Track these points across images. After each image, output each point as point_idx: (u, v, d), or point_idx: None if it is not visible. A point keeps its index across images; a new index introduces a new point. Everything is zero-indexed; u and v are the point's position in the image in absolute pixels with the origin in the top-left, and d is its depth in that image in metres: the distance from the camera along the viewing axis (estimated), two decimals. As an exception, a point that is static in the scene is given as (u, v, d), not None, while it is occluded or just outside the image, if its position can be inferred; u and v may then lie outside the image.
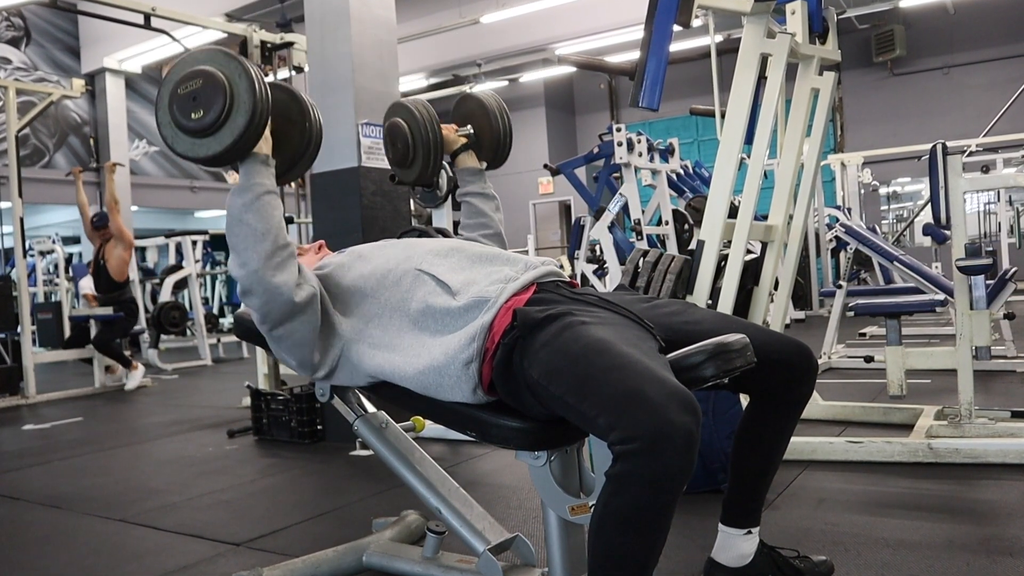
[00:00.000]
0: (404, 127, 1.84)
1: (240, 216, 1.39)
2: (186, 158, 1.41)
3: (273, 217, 1.40)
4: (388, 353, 1.42)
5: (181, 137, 1.40)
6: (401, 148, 1.85)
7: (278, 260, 1.39)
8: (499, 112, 1.92)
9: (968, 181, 2.77)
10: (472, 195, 1.91)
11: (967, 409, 2.73)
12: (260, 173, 1.42)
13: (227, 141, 1.37)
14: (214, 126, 1.36)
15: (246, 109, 1.36)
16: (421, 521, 2.05)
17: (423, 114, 1.83)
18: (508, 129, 1.93)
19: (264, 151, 1.44)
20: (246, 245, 1.38)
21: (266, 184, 1.42)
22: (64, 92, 6.39)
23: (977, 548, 1.82)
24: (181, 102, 1.38)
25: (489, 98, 1.93)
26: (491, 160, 1.94)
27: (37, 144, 11.22)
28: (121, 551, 2.22)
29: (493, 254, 1.51)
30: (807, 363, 1.46)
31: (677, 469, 1.05)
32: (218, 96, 1.35)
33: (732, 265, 2.59)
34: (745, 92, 2.56)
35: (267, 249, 1.38)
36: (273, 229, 1.39)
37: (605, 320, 1.30)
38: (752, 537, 1.57)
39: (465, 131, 1.92)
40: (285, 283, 1.39)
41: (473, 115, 1.94)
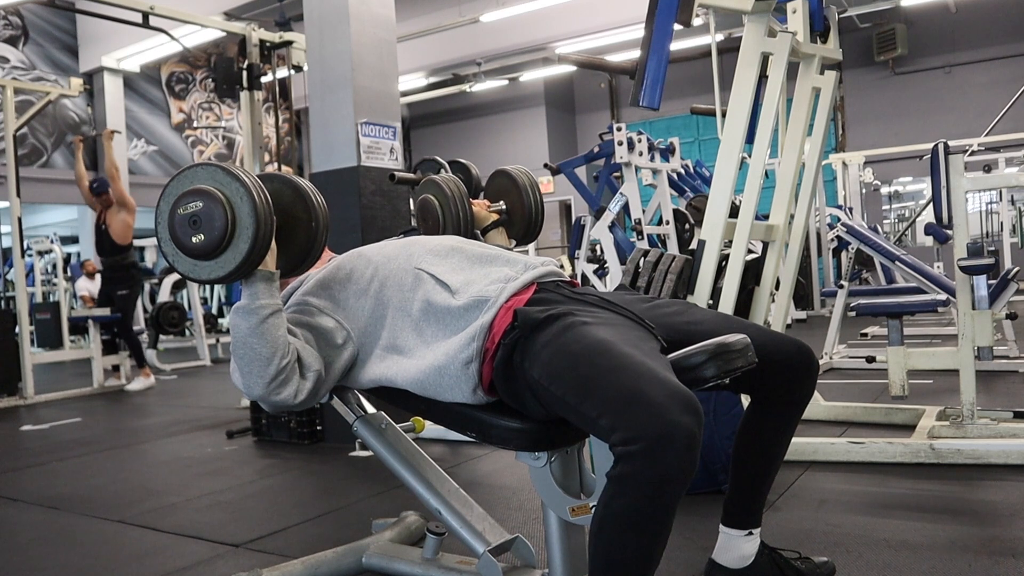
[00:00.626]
0: (435, 204, 1.85)
1: (245, 340, 1.37)
2: (187, 278, 1.39)
3: (278, 339, 1.37)
4: (393, 356, 1.42)
5: (182, 258, 1.36)
6: (432, 225, 1.86)
7: (281, 379, 1.38)
8: (531, 188, 1.93)
9: (970, 180, 2.77)
10: None
11: (969, 410, 2.73)
12: (264, 293, 1.38)
13: (230, 267, 1.34)
14: (216, 251, 1.33)
15: (249, 235, 1.32)
16: (421, 522, 2.05)
17: (454, 191, 1.85)
18: (540, 206, 1.94)
19: (268, 267, 1.40)
20: (251, 369, 1.37)
21: (270, 305, 1.38)
22: (62, 91, 6.39)
23: (979, 549, 1.82)
24: (181, 223, 1.33)
25: (521, 175, 1.95)
26: (521, 237, 1.96)
27: (35, 143, 11.22)
28: (120, 552, 2.22)
29: (493, 254, 1.51)
30: (808, 363, 1.46)
31: (679, 470, 1.05)
32: (219, 220, 1.31)
33: (733, 265, 2.59)
34: (746, 91, 2.56)
35: (271, 374, 1.37)
36: (279, 352, 1.37)
37: (606, 320, 1.30)
38: (753, 538, 1.57)
39: (497, 207, 1.94)
40: (288, 396, 1.40)
41: (505, 191, 1.96)
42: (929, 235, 7.08)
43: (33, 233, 12.56)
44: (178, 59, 12.66)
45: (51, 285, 10.07)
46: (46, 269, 10.49)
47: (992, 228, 10.49)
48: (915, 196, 12.65)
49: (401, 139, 3.70)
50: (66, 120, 11.65)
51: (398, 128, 3.68)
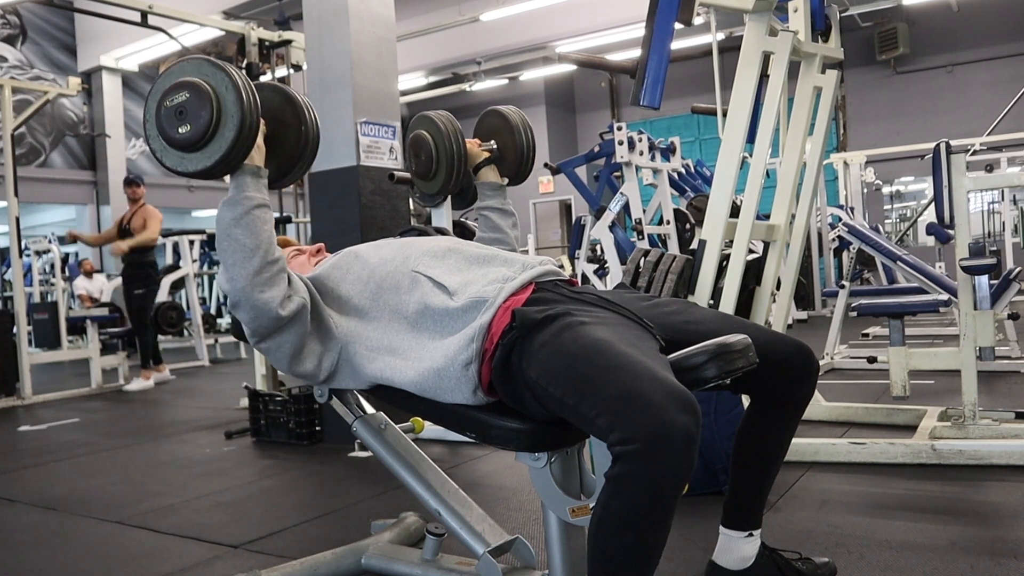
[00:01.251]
0: (428, 139, 1.85)
1: (229, 231, 1.37)
2: (175, 172, 1.40)
3: (263, 232, 1.38)
4: (387, 356, 1.42)
5: (169, 151, 1.39)
6: (424, 160, 1.86)
7: (266, 276, 1.38)
8: (523, 128, 1.93)
9: (972, 180, 2.77)
10: (491, 210, 1.92)
11: (971, 410, 2.73)
12: (250, 186, 1.40)
13: (216, 156, 1.35)
14: (202, 141, 1.35)
15: (234, 123, 1.34)
16: (420, 523, 2.05)
17: (447, 127, 1.85)
18: (531, 145, 1.94)
19: (255, 162, 1.42)
20: (234, 261, 1.37)
21: (256, 197, 1.39)
22: (60, 90, 6.39)
23: (981, 550, 1.82)
24: (167, 115, 1.36)
25: (513, 114, 1.94)
26: (513, 175, 1.96)
27: (33, 143, 11.22)
28: (117, 553, 2.22)
29: (490, 255, 1.51)
30: (807, 364, 1.46)
31: (676, 470, 1.05)
32: (205, 109, 1.33)
33: (734, 265, 2.59)
34: (747, 90, 2.56)
35: (256, 266, 1.36)
36: (263, 244, 1.37)
37: (605, 320, 1.30)
38: (754, 539, 1.57)
39: (488, 146, 1.94)
40: (272, 299, 1.38)
41: (497, 130, 1.95)
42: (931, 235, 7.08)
43: (31, 233, 12.55)
44: (177, 58, 12.65)
45: (49, 285, 10.06)
46: (44, 269, 10.48)
47: (994, 228, 10.49)
48: (917, 196, 12.65)
49: (400, 139, 3.70)
50: (64, 119, 11.66)
51: (398, 127, 3.68)
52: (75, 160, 11.77)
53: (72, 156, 11.74)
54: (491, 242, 1.90)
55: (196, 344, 8.11)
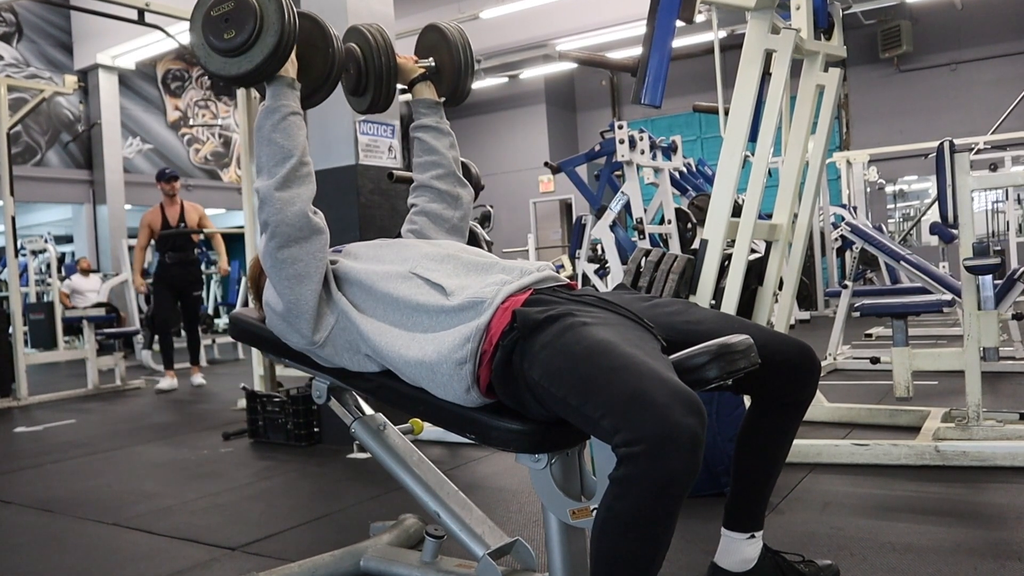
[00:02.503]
0: (357, 52, 1.80)
1: (269, 136, 1.49)
2: (218, 77, 1.51)
3: (298, 136, 1.51)
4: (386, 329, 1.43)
5: (214, 57, 1.50)
6: (353, 75, 1.81)
7: (302, 173, 1.51)
8: (462, 45, 1.86)
9: (976, 179, 2.77)
10: (425, 129, 1.86)
11: (975, 411, 2.73)
12: (286, 95, 1.52)
13: (257, 59, 1.47)
14: (245, 45, 1.46)
15: (275, 30, 1.46)
16: (420, 525, 2.05)
17: (378, 40, 1.81)
18: (470, 62, 1.88)
19: (291, 74, 1.54)
20: (273, 162, 1.49)
21: (292, 105, 1.52)
22: (56, 89, 6.39)
23: (985, 552, 1.82)
24: (214, 23, 1.48)
25: (452, 29, 1.88)
26: (450, 95, 1.89)
27: (29, 142, 11.22)
28: (114, 556, 2.22)
29: (489, 263, 1.51)
30: (809, 364, 1.47)
31: (682, 472, 1.05)
32: (249, 17, 1.45)
33: (736, 265, 2.59)
34: (749, 89, 2.56)
35: (292, 164, 1.49)
36: (299, 148, 1.50)
37: (606, 320, 1.30)
38: (755, 541, 1.57)
39: (426, 62, 1.89)
40: (304, 195, 1.50)
41: (435, 47, 1.90)
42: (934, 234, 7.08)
43: (27, 232, 12.54)
44: (174, 56, 12.66)
45: (45, 285, 10.06)
46: (40, 269, 10.48)
47: (998, 227, 10.48)
48: (920, 195, 12.64)
49: (399, 137, 3.69)
50: (60, 118, 11.65)
51: (396, 126, 3.67)
52: (71, 159, 11.76)
53: (68, 155, 11.73)
54: (426, 167, 1.85)
55: (193, 344, 8.09)
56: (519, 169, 13.98)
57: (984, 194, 10.52)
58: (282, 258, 1.48)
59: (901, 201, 12.82)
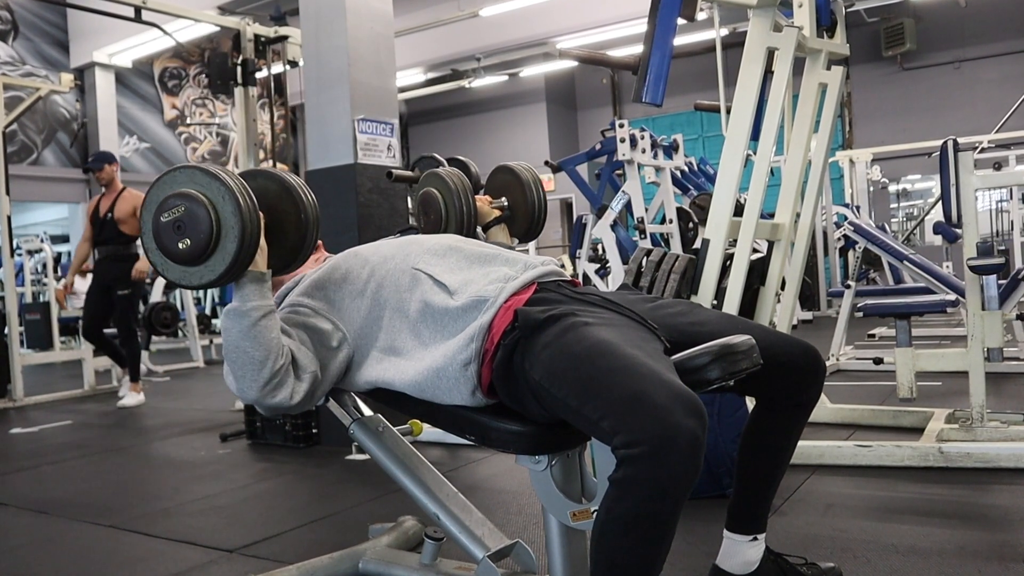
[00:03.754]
0: (438, 197, 1.85)
1: (237, 343, 1.36)
2: (179, 285, 1.39)
3: (271, 342, 1.37)
4: (390, 358, 1.42)
5: (171, 265, 1.37)
6: (433, 219, 1.86)
7: (275, 382, 1.37)
8: (534, 185, 1.93)
9: (980, 178, 2.77)
10: None
11: (979, 412, 2.73)
12: (254, 295, 1.38)
13: (219, 269, 1.34)
14: (204, 255, 1.33)
15: (235, 234, 1.31)
16: (419, 527, 2.05)
17: (458, 185, 1.85)
18: (543, 203, 1.95)
19: (259, 267, 1.40)
20: (244, 373, 1.37)
21: (261, 307, 1.37)
22: (52, 87, 6.39)
23: (989, 555, 1.82)
24: (165, 230, 1.34)
25: (524, 171, 1.95)
26: (523, 234, 1.96)
27: (25, 140, 11.21)
28: (111, 558, 2.22)
29: (492, 254, 1.51)
30: (814, 365, 1.46)
31: (682, 474, 1.06)
32: (203, 223, 1.31)
33: (738, 264, 2.59)
34: (751, 87, 2.56)
35: (266, 377, 1.36)
36: (272, 354, 1.36)
37: (608, 321, 1.30)
38: (758, 543, 1.57)
39: (499, 203, 1.94)
40: (284, 399, 1.39)
41: (508, 187, 1.96)
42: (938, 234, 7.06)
43: (23, 232, 12.55)
44: (171, 54, 12.65)
45: (41, 285, 10.06)
46: (36, 269, 10.47)
47: (1002, 227, 10.47)
48: (924, 194, 12.65)
49: (399, 136, 3.70)
50: (57, 116, 11.64)
51: (396, 125, 3.68)
52: (68, 158, 11.76)
53: (65, 154, 11.73)
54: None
55: (191, 345, 8.11)
56: (519, 168, 13.97)
57: (988, 193, 10.51)
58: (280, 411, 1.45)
59: (904, 200, 12.83)
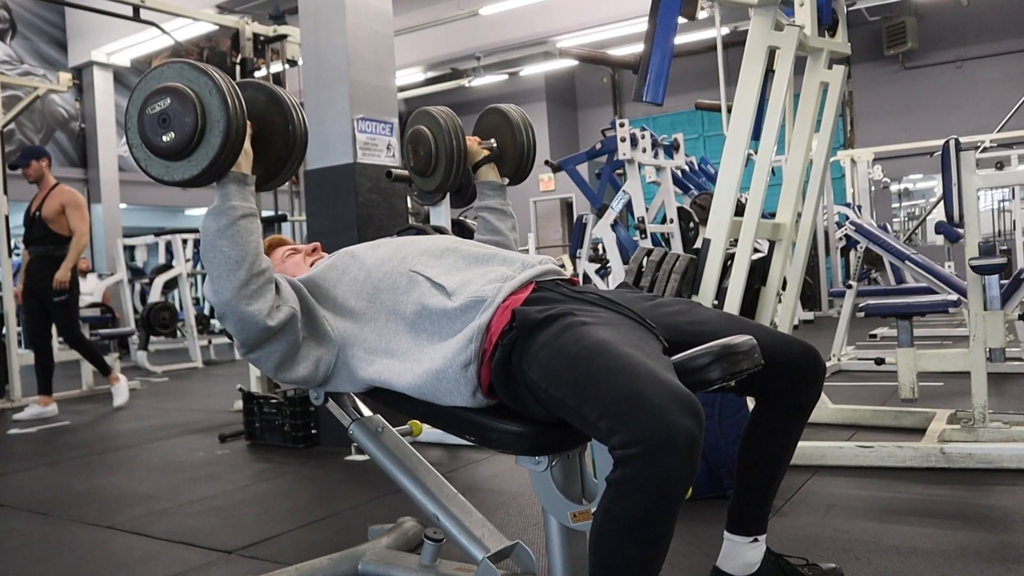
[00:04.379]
0: (428, 135, 1.86)
1: (214, 242, 1.36)
2: (160, 182, 1.38)
3: (249, 243, 1.37)
4: (385, 359, 1.42)
5: (153, 160, 1.37)
6: (424, 156, 1.87)
7: (253, 288, 1.37)
8: (524, 126, 1.94)
9: (982, 178, 2.77)
10: (490, 211, 1.93)
11: (981, 413, 2.73)
12: (235, 195, 1.38)
13: (203, 163, 1.33)
14: (187, 148, 1.32)
15: (220, 128, 1.31)
16: (418, 528, 2.05)
17: (448, 122, 1.86)
18: (532, 144, 1.95)
19: (242, 168, 1.40)
20: (219, 273, 1.36)
21: (241, 207, 1.38)
22: (50, 86, 6.39)
23: (991, 556, 1.82)
24: (150, 123, 1.34)
25: (514, 112, 1.95)
26: (513, 175, 1.96)
27: (23, 140, 11.21)
28: (109, 559, 2.22)
29: (489, 254, 1.51)
30: (814, 366, 1.46)
31: (679, 474, 1.06)
32: (188, 115, 1.30)
33: (739, 264, 2.59)
34: (752, 86, 2.56)
35: (241, 278, 1.36)
36: (249, 256, 1.36)
37: (607, 320, 1.30)
38: (759, 545, 1.57)
39: (488, 144, 1.95)
40: (259, 311, 1.37)
41: (497, 128, 1.96)
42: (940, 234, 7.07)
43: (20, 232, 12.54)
44: (170, 53, 12.62)
45: (39, 285, 10.05)
46: (34, 268, 10.47)
47: (1004, 227, 10.47)
48: (925, 194, 12.65)
49: (398, 135, 3.70)
50: (55, 116, 11.65)
51: (395, 124, 3.68)
52: (66, 157, 11.76)
53: (63, 153, 11.73)
54: (490, 242, 1.89)
55: (189, 345, 8.11)
56: (519, 167, 13.97)
57: (990, 193, 10.51)
58: (254, 358, 1.45)
59: (906, 200, 12.83)
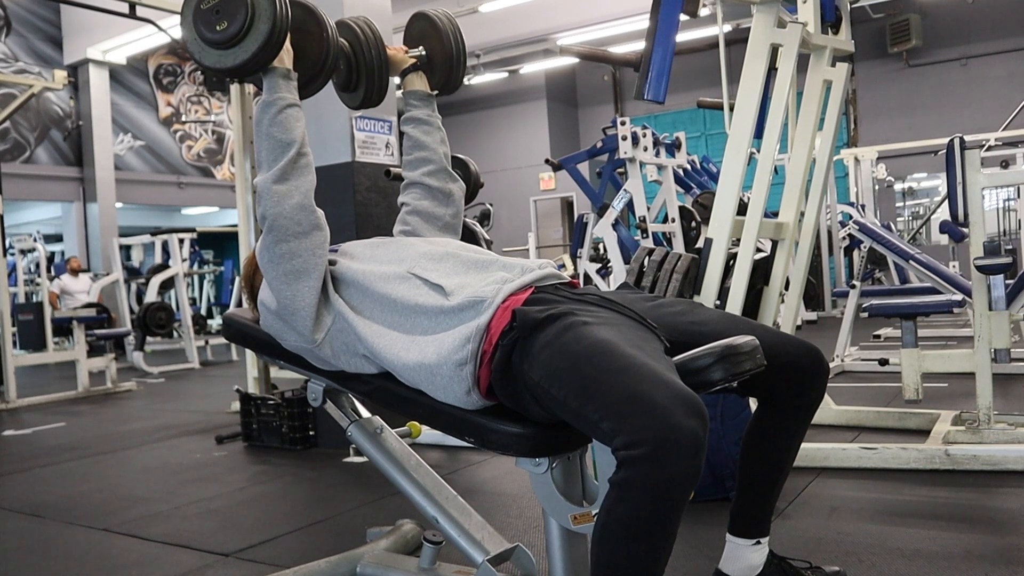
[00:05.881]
0: (347, 47, 1.80)
1: (267, 131, 1.50)
2: (214, 70, 1.53)
3: (295, 128, 1.52)
4: (384, 332, 1.43)
5: (207, 50, 1.51)
6: (344, 71, 1.81)
7: (302, 163, 1.52)
8: (452, 32, 1.87)
9: (987, 177, 2.77)
10: (416, 122, 1.85)
11: (986, 414, 2.73)
12: (282, 87, 1.53)
13: (252, 48, 1.48)
14: (239, 35, 1.48)
15: (268, 16, 1.47)
16: (417, 531, 2.05)
17: (367, 33, 1.82)
18: (461, 50, 1.88)
19: (286, 64, 1.55)
20: (272, 156, 1.50)
21: (288, 97, 1.53)
22: (46, 84, 6.40)
23: (996, 558, 1.82)
24: (205, 16, 1.49)
25: (442, 16, 1.89)
26: (443, 85, 1.89)
27: (18, 138, 11.21)
28: (105, 562, 2.22)
29: (489, 260, 1.51)
30: (817, 366, 1.46)
31: (683, 475, 1.06)
32: (240, 6, 1.47)
33: (741, 264, 2.59)
34: (755, 84, 2.56)
35: (292, 155, 1.50)
36: (298, 139, 1.51)
37: (608, 320, 1.30)
38: (761, 547, 1.57)
39: (416, 52, 1.88)
40: (300, 187, 1.50)
41: (425, 35, 1.90)
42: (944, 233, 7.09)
43: (15, 231, 12.55)
44: (166, 51, 12.66)
45: (34, 285, 10.07)
46: (29, 268, 10.48)
47: (1010, 226, 10.48)
48: (930, 193, 12.65)
49: (397, 134, 3.69)
50: (50, 114, 11.65)
51: (394, 122, 3.68)
52: (61, 156, 11.77)
53: (58, 152, 11.74)
54: (416, 164, 1.83)
55: (186, 346, 8.11)
56: (519, 166, 13.97)
57: (995, 192, 10.52)
58: (280, 252, 1.47)
59: (910, 199, 12.83)
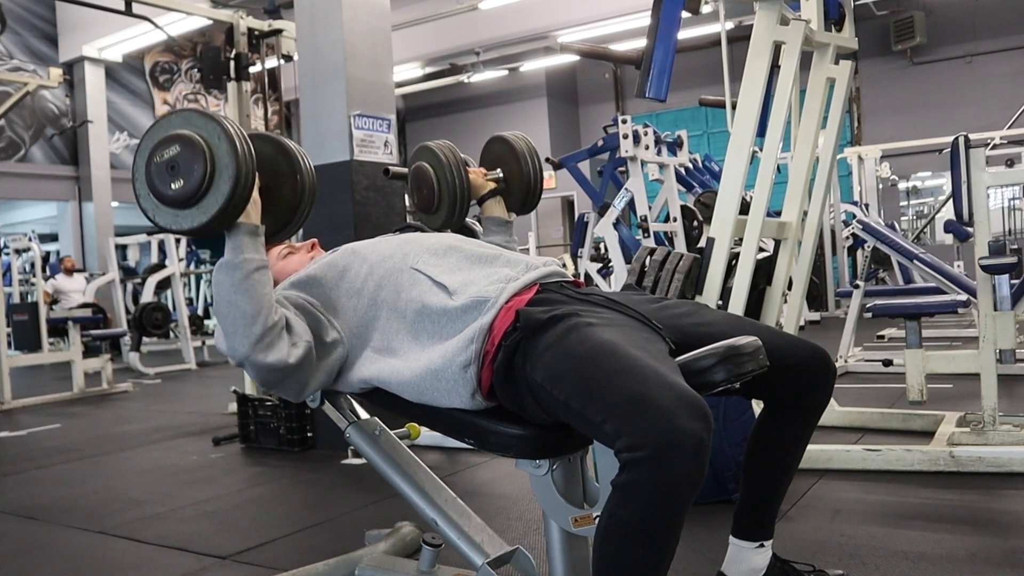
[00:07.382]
0: (430, 172, 1.84)
1: (229, 298, 1.36)
2: (169, 231, 1.39)
3: (264, 297, 1.37)
4: (385, 358, 1.42)
5: (162, 209, 1.37)
6: (427, 194, 1.85)
7: (268, 340, 1.36)
8: (529, 156, 1.91)
9: (992, 175, 2.77)
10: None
11: (991, 415, 2.73)
12: (248, 247, 1.38)
13: (212, 210, 1.34)
14: (196, 195, 1.33)
15: (229, 173, 1.32)
16: (416, 533, 2.05)
17: (449, 158, 1.84)
18: (539, 174, 1.92)
19: (252, 220, 1.41)
20: (235, 329, 1.36)
21: (255, 259, 1.38)
22: (41, 82, 6.42)
23: (1001, 561, 1.82)
24: (158, 171, 1.34)
25: (519, 140, 1.93)
26: (520, 207, 1.95)
27: (12, 137, 11.21)
28: (101, 565, 2.22)
29: (493, 254, 1.50)
30: (824, 368, 1.46)
31: (687, 478, 1.06)
32: (198, 162, 1.31)
33: (744, 264, 2.59)
34: (757, 82, 2.56)
35: (257, 332, 1.35)
36: (264, 309, 1.36)
37: (612, 321, 1.30)
38: (765, 550, 1.57)
39: (494, 175, 1.92)
40: (278, 360, 1.37)
41: (502, 158, 1.94)
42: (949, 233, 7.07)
43: (10, 230, 12.54)
44: (162, 48, 12.66)
45: (29, 285, 10.06)
46: (24, 268, 10.48)
47: (1015, 225, 10.48)
48: (934, 192, 12.64)
49: (396, 132, 3.70)
50: (45, 112, 11.65)
51: (393, 121, 3.68)
52: (56, 155, 11.77)
53: (53, 150, 11.74)
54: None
55: (182, 346, 8.10)
56: (519, 165, 13.98)
57: (1000, 191, 10.51)
58: (277, 390, 1.46)
59: (914, 198, 12.82)
